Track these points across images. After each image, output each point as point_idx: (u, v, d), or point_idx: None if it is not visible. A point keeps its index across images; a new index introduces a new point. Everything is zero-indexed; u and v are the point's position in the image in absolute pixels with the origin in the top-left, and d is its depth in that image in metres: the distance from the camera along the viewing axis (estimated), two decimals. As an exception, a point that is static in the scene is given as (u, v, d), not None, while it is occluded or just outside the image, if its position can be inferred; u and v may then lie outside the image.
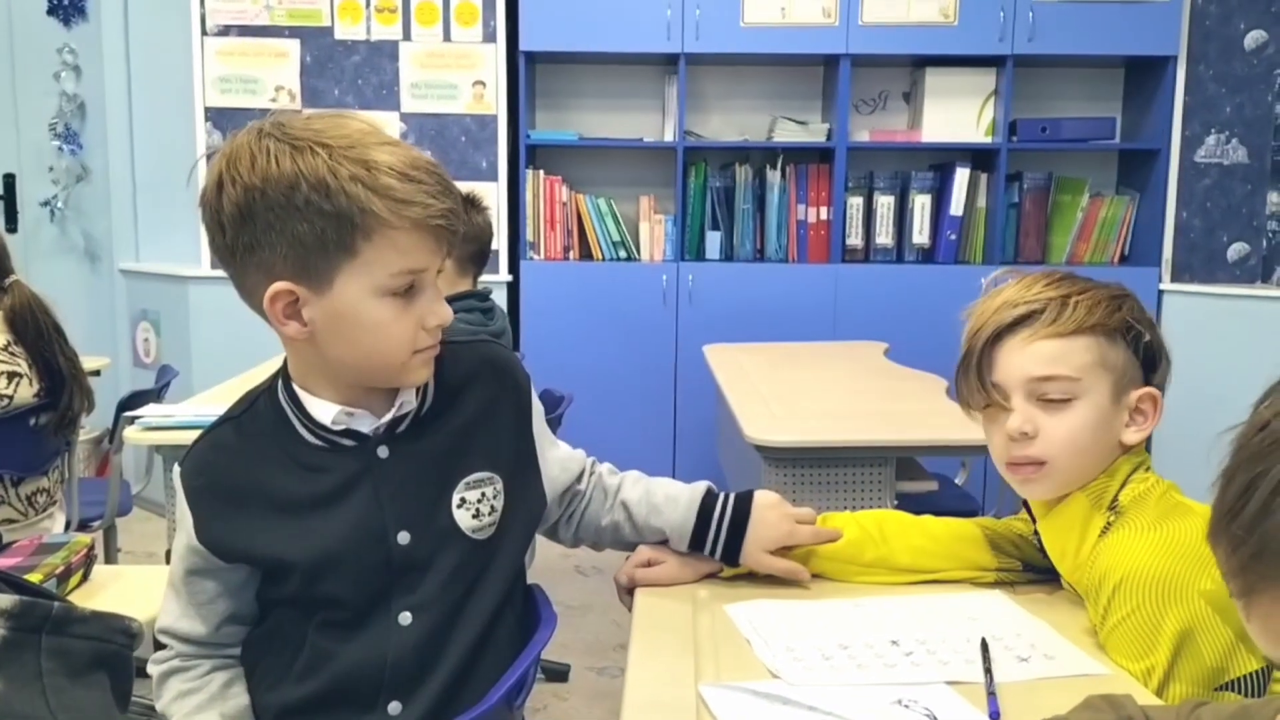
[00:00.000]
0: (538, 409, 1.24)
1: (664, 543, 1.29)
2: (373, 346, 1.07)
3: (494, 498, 1.15)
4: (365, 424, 1.12)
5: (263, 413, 1.15)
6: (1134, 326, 1.19)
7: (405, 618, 1.11)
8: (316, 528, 1.10)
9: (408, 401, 1.13)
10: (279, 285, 1.04)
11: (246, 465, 1.13)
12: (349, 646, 1.11)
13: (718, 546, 1.26)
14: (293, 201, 1.00)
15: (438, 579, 1.12)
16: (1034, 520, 1.27)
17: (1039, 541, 1.25)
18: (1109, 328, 1.17)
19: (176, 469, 1.15)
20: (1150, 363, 1.21)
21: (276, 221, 1.01)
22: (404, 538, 1.11)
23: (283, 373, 1.15)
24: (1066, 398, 1.17)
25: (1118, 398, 1.18)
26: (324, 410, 1.11)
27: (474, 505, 1.14)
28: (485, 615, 1.14)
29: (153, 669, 1.17)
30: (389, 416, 1.12)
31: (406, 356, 1.08)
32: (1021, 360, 1.18)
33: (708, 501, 1.27)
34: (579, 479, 1.30)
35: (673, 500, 1.28)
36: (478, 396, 1.18)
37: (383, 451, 1.12)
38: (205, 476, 1.13)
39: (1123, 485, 1.20)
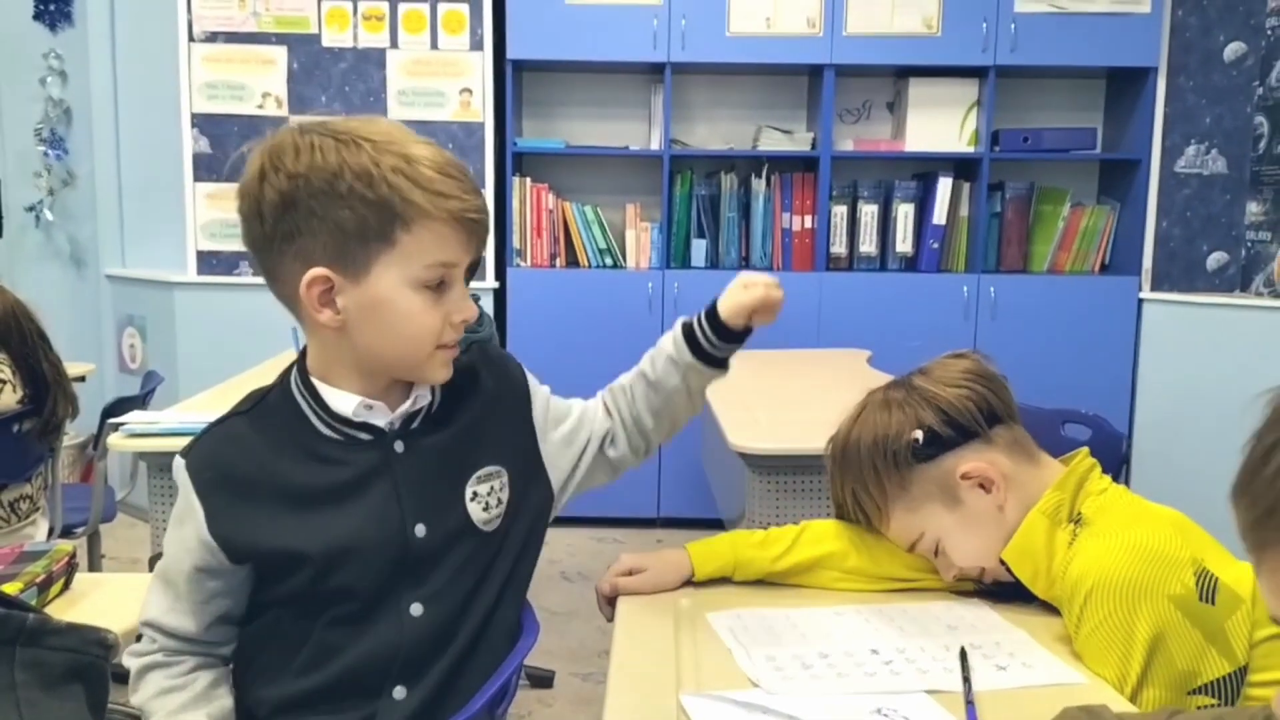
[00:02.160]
0: (537, 393, 1.26)
1: (672, 384, 1.25)
2: (402, 336, 1.09)
3: (501, 490, 1.18)
4: (381, 418, 1.14)
5: (274, 407, 1.16)
6: (907, 445, 1.25)
7: (416, 609, 1.13)
8: (333, 519, 1.11)
9: (422, 396, 1.16)
10: (316, 271, 1.06)
11: (259, 457, 1.13)
12: (360, 639, 1.12)
13: (705, 330, 1.25)
14: (336, 189, 1.04)
15: (448, 571, 1.14)
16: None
17: (1009, 570, 1.25)
18: (888, 475, 1.26)
19: (179, 462, 1.14)
20: (957, 436, 1.25)
21: (319, 209, 1.04)
22: (420, 530, 1.13)
23: (297, 367, 1.16)
24: (933, 545, 1.27)
25: (954, 504, 1.24)
26: (343, 401, 1.13)
27: (484, 498, 1.16)
28: (489, 603, 1.16)
29: (131, 661, 1.15)
30: (404, 409, 1.14)
31: (431, 349, 1.11)
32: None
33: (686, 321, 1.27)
34: (585, 436, 1.28)
35: (656, 345, 1.27)
36: (480, 395, 1.21)
37: (399, 446, 1.14)
38: (216, 469, 1.13)
39: (1076, 495, 1.22)
